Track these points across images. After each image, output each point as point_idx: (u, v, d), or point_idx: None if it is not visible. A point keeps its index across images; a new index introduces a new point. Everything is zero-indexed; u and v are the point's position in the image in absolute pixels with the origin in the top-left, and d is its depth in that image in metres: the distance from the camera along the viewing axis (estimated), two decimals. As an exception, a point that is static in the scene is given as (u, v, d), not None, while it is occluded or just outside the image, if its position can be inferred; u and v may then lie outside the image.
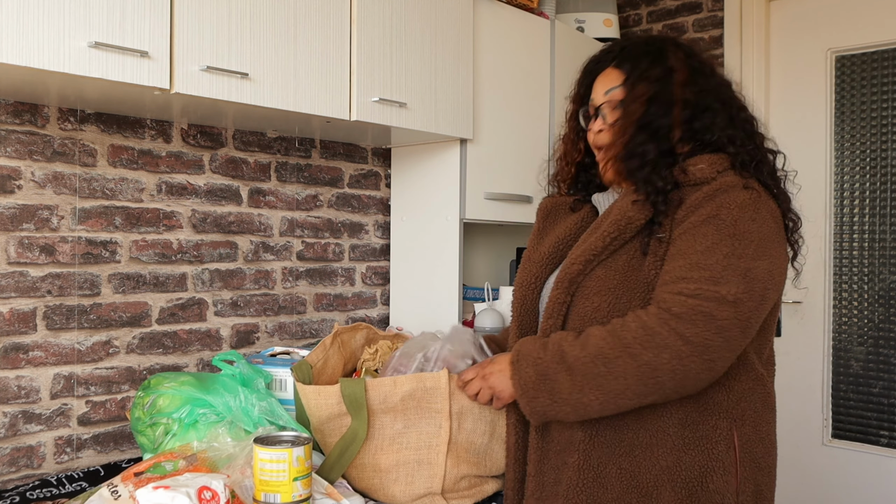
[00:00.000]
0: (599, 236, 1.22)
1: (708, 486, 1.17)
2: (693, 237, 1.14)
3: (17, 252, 1.56)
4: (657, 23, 2.91)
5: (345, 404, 1.41)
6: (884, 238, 2.44)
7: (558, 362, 1.16)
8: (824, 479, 2.53)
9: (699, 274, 1.10)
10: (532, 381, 1.19)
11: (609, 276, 1.20)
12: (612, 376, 1.11)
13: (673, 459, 1.18)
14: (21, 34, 1.21)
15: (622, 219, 1.20)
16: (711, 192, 1.16)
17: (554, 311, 1.25)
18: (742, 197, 1.15)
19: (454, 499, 1.45)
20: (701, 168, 1.20)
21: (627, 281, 1.19)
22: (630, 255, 1.20)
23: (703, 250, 1.12)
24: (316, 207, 2.14)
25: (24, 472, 1.57)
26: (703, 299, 1.08)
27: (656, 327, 1.09)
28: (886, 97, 2.43)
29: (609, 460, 1.20)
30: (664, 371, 1.09)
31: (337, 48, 1.70)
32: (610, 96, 1.29)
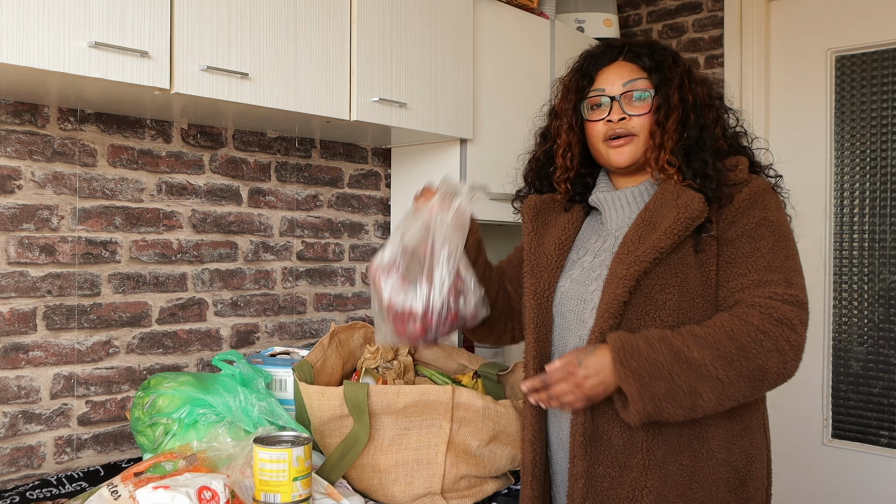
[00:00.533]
0: (665, 234, 1.20)
1: (752, 473, 1.25)
2: (754, 240, 1.20)
3: (17, 252, 1.57)
4: (657, 23, 2.91)
5: (347, 407, 1.41)
6: (884, 238, 2.44)
7: (674, 361, 1.13)
8: (824, 479, 2.53)
9: (775, 276, 1.17)
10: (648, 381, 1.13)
11: (669, 273, 1.20)
12: (729, 379, 1.13)
13: (725, 451, 1.22)
14: (21, 34, 1.21)
15: (689, 216, 1.20)
16: (753, 194, 1.23)
17: (613, 308, 1.20)
18: (777, 200, 1.26)
19: (454, 499, 1.45)
20: (742, 169, 1.26)
21: (688, 278, 1.21)
22: (684, 252, 1.21)
23: (767, 252, 1.19)
24: (316, 207, 2.14)
25: (24, 472, 1.57)
26: (792, 304, 1.16)
27: (769, 331, 1.13)
28: (886, 97, 2.43)
29: (671, 457, 1.21)
30: (771, 373, 1.14)
31: (337, 48, 1.70)
32: (631, 87, 1.30)
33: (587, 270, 1.31)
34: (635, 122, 1.29)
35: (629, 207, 1.33)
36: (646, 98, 1.30)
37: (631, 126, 1.30)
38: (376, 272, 1.26)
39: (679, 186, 1.25)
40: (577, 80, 1.37)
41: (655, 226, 1.23)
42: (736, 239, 1.21)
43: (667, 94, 1.28)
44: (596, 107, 1.34)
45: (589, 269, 1.31)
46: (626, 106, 1.30)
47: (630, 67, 1.32)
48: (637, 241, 1.23)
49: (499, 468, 1.51)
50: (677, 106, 1.27)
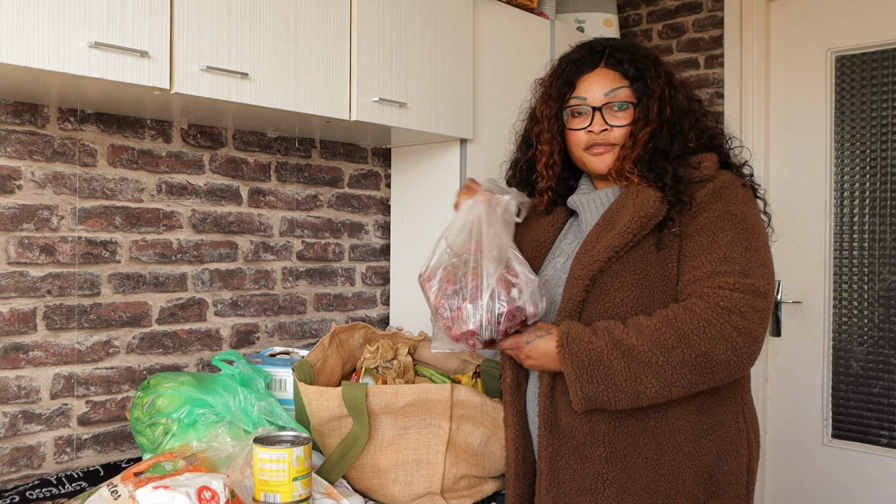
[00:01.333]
0: (620, 232, 1.22)
1: (723, 468, 1.24)
2: (713, 233, 1.20)
3: (17, 252, 1.57)
4: (657, 23, 2.91)
5: (346, 408, 1.41)
6: (884, 238, 2.44)
7: (613, 348, 1.15)
8: (824, 479, 2.53)
9: (730, 268, 1.16)
10: (585, 365, 1.17)
11: (628, 271, 1.22)
12: (671, 365, 1.14)
13: (693, 445, 1.22)
14: (21, 34, 1.21)
15: (644, 215, 1.21)
16: (717, 189, 1.23)
17: (570, 308, 1.24)
18: (743, 194, 1.24)
19: (453, 498, 1.45)
20: (707, 165, 1.26)
21: (648, 276, 1.22)
22: (645, 250, 1.22)
23: (724, 245, 1.18)
24: (316, 207, 2.14)
25: (24, 472, 1.57)
26: (743, 292, 1.15)
27: (712, 318, 1.14)
28: (886, 97, 2.43)
29: (634, 450, 1.22)
30: (719, 361, 1.14)
31: (337, 48, 1.70)
32: (612, 97, 1.31)
33: (559, 272, 1.33)
34: (616, 133, 1.31)
35: (602, 208, 1.34)
36: (627, 108, 1.30)
37: (612, 137, 1.31)
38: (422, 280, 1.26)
39: (640, 186, 1.26)
40: (558, 86, 1.36)
41: (613, 225, 1.25)
42: (695, 233, 1.21)
43: (647, 106, 1.29)
44: (577, 114, 1.34)
45: (561, 269, 1.33)
46: (608, 116, 1.31)
47: (612, 75, 1.32)
48: (595, 240, 1.26)
49: (498, 468, 1.51)
50: (654, 118, 1.28)
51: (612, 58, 1.33)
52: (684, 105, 1.31)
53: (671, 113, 1.29)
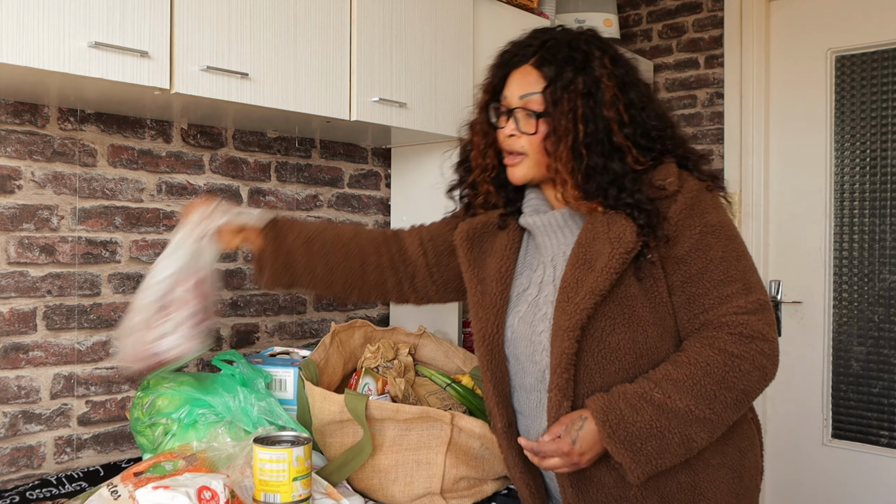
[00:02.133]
0: (602, 274, 1.13)
1: (745, 464, 1.24)
2: (703, 252, 1.15)
3: (17, 252, 1.57)
4: (657, 23, 2.91)
5: (350, 415, 1.42)
6: (884, 238, 2.44)
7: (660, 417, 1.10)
8: (824, 479, 2.53)
9: (734, 288, 1.14)
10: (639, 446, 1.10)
11: (616, 311, 1.15)
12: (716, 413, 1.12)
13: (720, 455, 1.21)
14: (21, 34, 1.21)
15: (624, 251, 1.13)
16: (688, 202, 1.16)
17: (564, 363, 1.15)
18: (710, 198, 1.19)
19: (453, 499, 1.45)
20: (671, 181, 1.17)
21: (636, 312, 1.15)
22: (626, 284, 1.15)
23: (719, 263, 1.15)
24: (316, 207, 2.14)
25: (24, 472, 1.57)
26: (756, 313, 1.14)
27: (743, 353, 1.12)
28: (886, 97, 2.43)
29: (669, 479, 1.18)
30: (755, 390, 1.15)
31: (337, 48, 1.70)
32: (525, 102, 1.20)
33: (532, 307, 1.24)
34: (524, 141, 1.21)
35: (562, 233, 1.25)
36: (533, 118, 1.19)
37: (519, 145, 1.21)
38: None
39: (608, 215, 1.16)
40: (491, 78, 1.28)
41: (591, 265, 1.15)
42: (685, 256, 1.15)
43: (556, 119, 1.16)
44: (501, 114, 1.25)
45: (534, 305, 1.24)
46: (521, 122, 1.20)
47: (534, 77, 1.20)
48: (575, 285, 1.16)
49: (497, 471, 1.51)
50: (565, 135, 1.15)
51: (542, 56, 1.20)
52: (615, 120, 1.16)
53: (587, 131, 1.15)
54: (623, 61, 1.23)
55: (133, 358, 1.29)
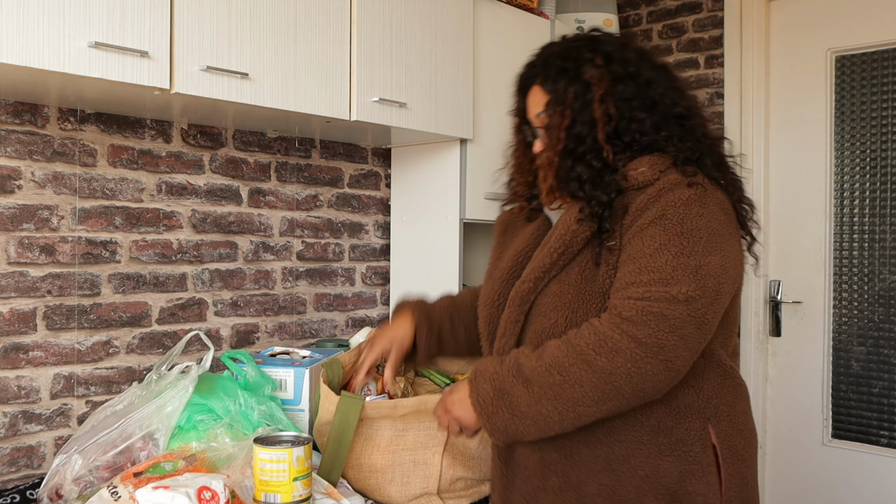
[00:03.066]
0: (547, 253, 1.20)
1: (688, 488, 1.15)
2: (641, 240, 1.12)
3: (17, 252, 1.57)
4: (657, 23, 2.91)
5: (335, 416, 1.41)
6: (884, 238, 2.44)
7: (514, 375, 1.13)
8: (824, 479, 2.53)
9: (648, 276, 1.09)
10: (490, 397, 1.14)
11: (563, 290, 1.19)
12: (568, 384, 1.08)
13: (651, 468, 1.15)
14: (21, 34, 1.21)
15: (567, 233, 1.19)
16: (656, 193, 1.15)
17: (507, 329, 1.23)
18: (687, 194, 1.13)
19: (450, 499, 1.45)
20: (642, 171, 1.18)
21: (582, 293, 1.17)
22: (582, 266, 1.18)
23: (651, 252, 1.10)
24: (316, 207, 2.14)
25: (24, 472, 1.57)
26: (652, 301, 1.07)
27: (608, 332, 1.08)
28: (886, 97, 2.43)
29: (588, 478, 1.17)
30: (619, 375, 1.06)
31: (337, 48, 1.70)
32: (540, 121, 1.28)
33: None
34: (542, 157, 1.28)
35: None
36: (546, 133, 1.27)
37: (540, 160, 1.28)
38: None
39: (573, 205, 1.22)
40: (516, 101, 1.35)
41: (545, 246, 1.23)
42: (626, 243, 1.15)
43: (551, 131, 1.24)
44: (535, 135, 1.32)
45: None
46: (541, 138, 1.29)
47: (540, 95, 1.28)
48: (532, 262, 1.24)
49: (496, 470, 1.51)
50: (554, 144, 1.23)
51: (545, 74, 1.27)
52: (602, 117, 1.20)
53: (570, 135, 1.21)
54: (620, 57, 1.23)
55: None
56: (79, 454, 1.30)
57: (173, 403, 1.36)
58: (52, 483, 1.30)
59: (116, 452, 1.31)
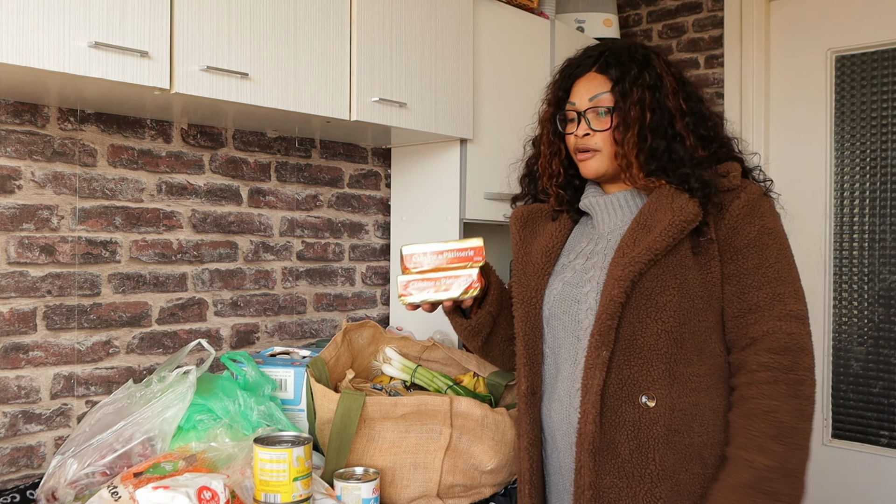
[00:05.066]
0: (660, 236, 1.20)
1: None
2: (760, 250, 1.21)
3: (17, 252, 1.56)
4: (657, 23, 2.91)
5: (337, 414, 1.41)
6: (884, 238, 2.44)
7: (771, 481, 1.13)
8: (824, 479, 2.53)
9: (787, 289, 1.20)
10: None
11: (668, 275, 1.20)
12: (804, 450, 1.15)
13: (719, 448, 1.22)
14: (21, 34, 1.21)
15: (684, 219, 1.20)
16: (751, 202, 1.23)
17: (611, 311, 1.20)
18: (770, 205, 1.26)
19: (450, 498, 1.45)
20: (735, 175, 1.26)
21: (687, 280, 1.21)
22: (681, 255, 1.21)
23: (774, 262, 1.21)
24: (316, 207, 2.14)
25: (24, 472, 1.57)
26: (799, 321, 1.19)
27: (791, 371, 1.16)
28: (886, 97, 2.43)
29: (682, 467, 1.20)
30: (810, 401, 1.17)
31: (337, 48, 1.70)
32: (596, 102, 1.31)
33: (579, 273, 1.31)
34: (598, 138, 1.31)
35: (621, 211, 1.33)
36: (605, 116, 1.30)
37: (594, 142, 1.31)
38: None
39: (673, 191, 1.25)
40: (555, 91, 1.39)
41: (651, 229, 1.23)
42: (743, 249, 1.22)
43: (626, 110, 1.27)
44: (570, 120, 1.35)
45: (581, 271, 1.31)
46: (592, 121, 1.31)
47: (600, 80, 1.32)
48: (633, 243, 1.23)
49: (495, 481, 1.51)
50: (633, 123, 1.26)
51: (605, 61, 1.32)
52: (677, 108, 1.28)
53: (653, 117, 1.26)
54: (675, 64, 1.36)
55: None
56: (74, 458, 1.30)
57: (172, 409, 1.36)
58: (48, 486, 1.30)
59: (115, 457, 1.31)
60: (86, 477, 1.29)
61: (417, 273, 1.29)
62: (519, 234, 1.42)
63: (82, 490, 1.29)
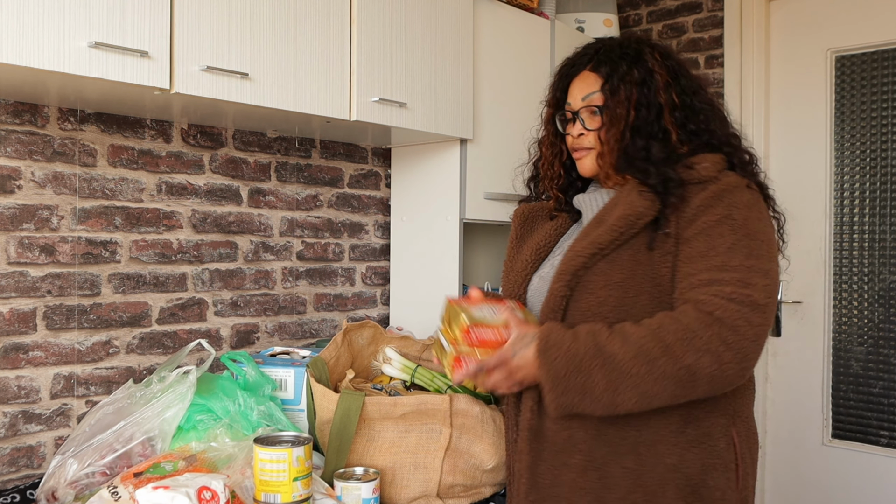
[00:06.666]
0: (606, 230, 1.19)
1: (709, 483, 1.17)
2: (711, 237, 1.14)
3: (17, 252, 1.56)
4: (657, 23, 2.91)
5: (337, 414, 1.41)
6: (884, 238, 2.44)
7: (594, 356, 1.09)
8: (824, 479, 2.53)
9: (728, 276, 1.10)
10: (563, 373, 1.10)
11: (614, 270, 1.18)
12: (652, 377, 1.07)
13: (676, 457, 1.16)
14: (21, 34, 1.21)
15: (632, 213, 1.18)
16: (719, 191, 1.17)
17: (554, 304, 1.20)
18: (747, 197, 1.18)
19: (450, 498, 1.45)
20: (706, 166, 1.20)
21: (635, 275, 1.17)
22: (635, 249, 1.18)
23: (724, 251, 1.12)
24: (316, 207, 2.14)
25: (24, 472, 1.57)
26: (740, 304, 1.08)
27: (699, 330, 1.07)
28: (886, 97, 2.43)
29: (612, 459, 1.18)
30: (703, 375, 1.07)
31: (337, 48, 1.70)
32: (588, 101, 1.30)
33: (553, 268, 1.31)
34: (591, 137, 1.30)
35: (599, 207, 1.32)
36: (597, 114, 1.29)
37: (587, 141, 1.31)
38: None
39: (636, 186, 1.22)
40: (554, 92, 1.38)
41: (602, 222, 1.22)
42: (693, 237, 1.15)
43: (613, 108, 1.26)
44: (568, 121, 1.35)
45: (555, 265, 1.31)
46: (586, 121, 1.31)
47: (592, 79, 1.31)
48: (583, 237, 1.23)
49: (496, 480, 1.51)
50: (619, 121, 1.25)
51: (598, 59, 1.31)
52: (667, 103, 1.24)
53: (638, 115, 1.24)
54: (673, 55, 1.32)
55: None
56: (74, 458, 1.30)
57: (172, 409, 1.36)
58: (48, 486, 1.30)
59: (115, 457, 1.31)
60: (86, 477, 1.29)
61: None
62: (516, 232, 1.43)
63: (82, 490, 1.29)
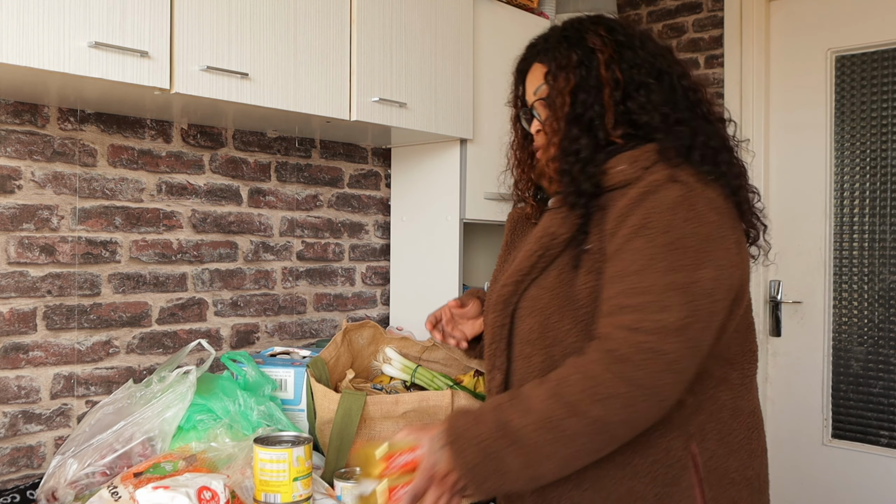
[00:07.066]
0: (525, 255, 1.13)
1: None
2: (625, 255, 1.02)
3: (17, 252, 1.56)
4: (657, 23, 2.91)
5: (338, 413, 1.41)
6: (884, 238, 2.44)
7: (500, 436, 0.98)
8: (824, 479, 2.53)
9: (638, 300, 0.99)
10: (477, 463, 0.99)
11: (539, 295, 1.11)
12: (563, 441, 0.97)
13: (625, 489, 1.07)
14: (21, 34, 1.21)
15: (545, 235, 1.11)
16: (638, 196, 1.04)
17: (495, 335, 1.16)
18: (671, 195, 1.02)
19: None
20: (621, 170, 1.08)
21: (556, 298, 1.09)
22: (560, 269, 1.10)
23: (637, 270, 1.00)
24: (316, 207, 2.14)
25: (24, 472, 1.57)
26: (648, 333, 0.97)
27: (600, 374, 0.97)
28: (886, 97, 2.43)
29: (561, 494, 1.11)
30: (616, 423, 0.98)
31: (337, 48, 1.70)
32: (539, 94, 1.19)
33: None
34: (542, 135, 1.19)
35: None
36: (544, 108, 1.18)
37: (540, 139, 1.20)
38: None
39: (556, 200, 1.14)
40: (515, 90, 1.28)
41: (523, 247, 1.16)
42: (612, 254, 1.04)
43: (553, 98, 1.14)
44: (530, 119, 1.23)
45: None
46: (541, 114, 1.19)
47: (539, 70, 1.19)
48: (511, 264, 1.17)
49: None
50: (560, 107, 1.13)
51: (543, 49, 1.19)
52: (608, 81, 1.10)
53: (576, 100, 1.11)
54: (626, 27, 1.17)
55: None
56: (74, 458, 1.30)
57: (172, 409, 1.36)
58: (48, 486, 1.30)
59: (115, 457, 1.31)
60: (86, 477, 1.29)
61: None
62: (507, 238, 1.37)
63: (82, 490, 1.29)
